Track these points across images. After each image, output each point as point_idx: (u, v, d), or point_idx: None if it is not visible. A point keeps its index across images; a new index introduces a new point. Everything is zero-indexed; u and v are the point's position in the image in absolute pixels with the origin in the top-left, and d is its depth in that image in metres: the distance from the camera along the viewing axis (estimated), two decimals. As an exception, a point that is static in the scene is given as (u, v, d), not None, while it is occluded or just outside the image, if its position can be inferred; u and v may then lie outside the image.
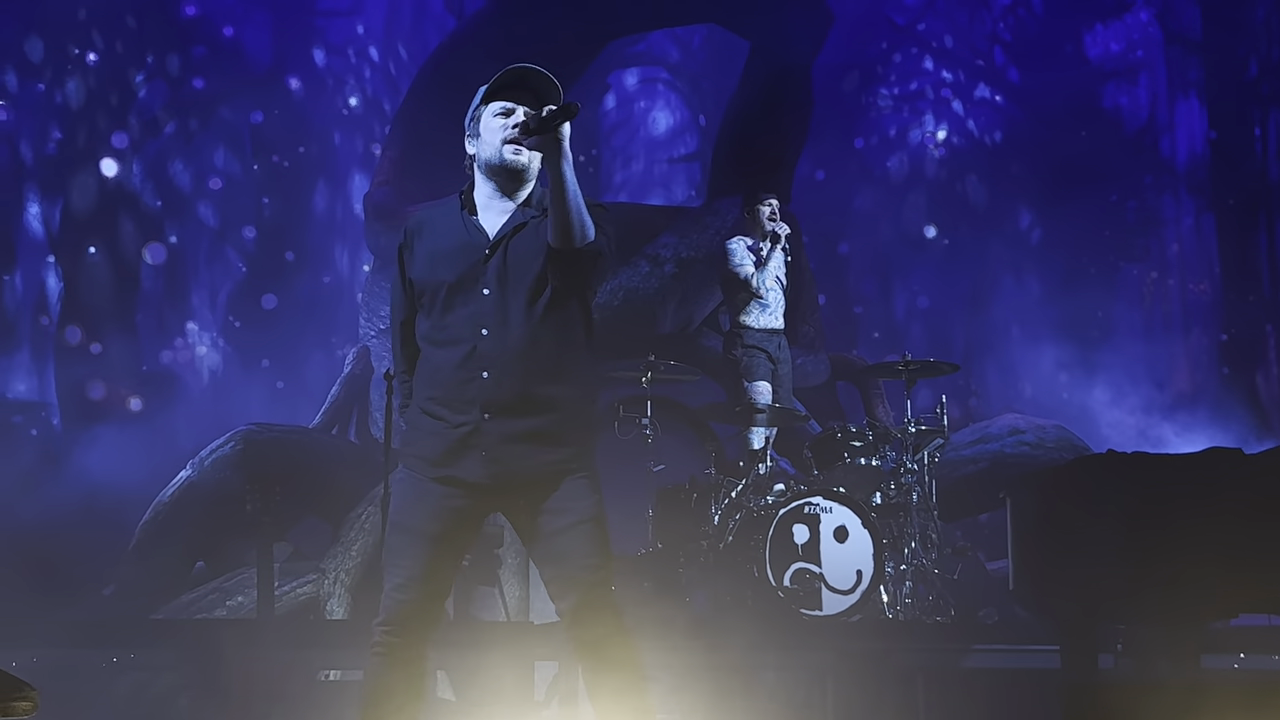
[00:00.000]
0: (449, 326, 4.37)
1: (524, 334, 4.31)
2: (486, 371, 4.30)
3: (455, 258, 4.38)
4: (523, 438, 4.31)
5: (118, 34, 13.11)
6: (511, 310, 4.32)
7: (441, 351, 4.38)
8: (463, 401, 4.32)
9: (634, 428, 9.18)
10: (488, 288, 4.33)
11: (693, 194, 14.41)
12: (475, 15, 13.33)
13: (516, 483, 4.34)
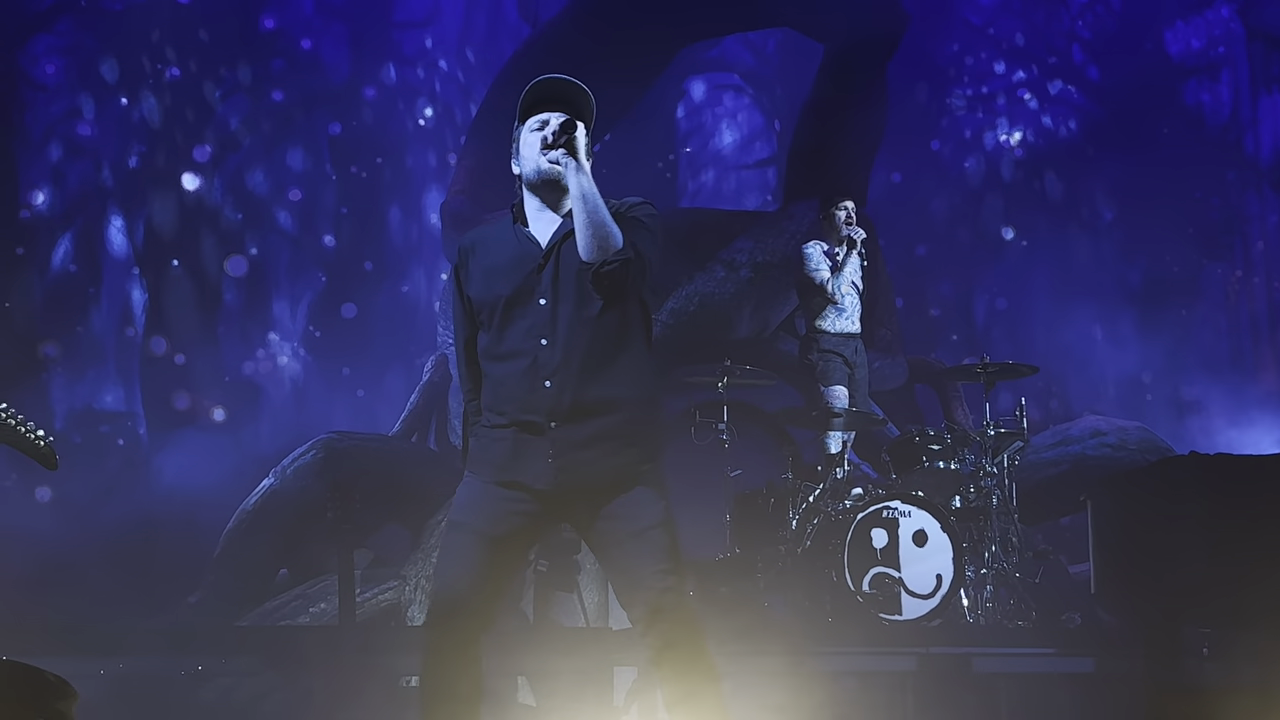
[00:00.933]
0: (508, 339, 4.38)
1: (583, 340, 4.31)
2: (549, 381, 4.30)
3: (511, 271, 4.39)
4: (589, 443, 4.30)
5: (196, 50, 13.30)
6: (568, 318, 4.32)
7: (503, 365, 4.40)
8: (528, 412, 4.32)
9: (710, 433, 9.16)
10: (544, 297, 4.34)
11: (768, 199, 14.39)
12: (549, 23, 13.38)
13: (583, 489, 4.33)
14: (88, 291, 13.02)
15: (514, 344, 4.36)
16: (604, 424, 4.31)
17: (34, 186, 12.89)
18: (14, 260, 12.52)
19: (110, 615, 9.43)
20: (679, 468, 10.55)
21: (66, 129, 13.10)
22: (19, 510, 11.36)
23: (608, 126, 13.60)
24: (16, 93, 12.86)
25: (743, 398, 9.74)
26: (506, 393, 4.38)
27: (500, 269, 4.42)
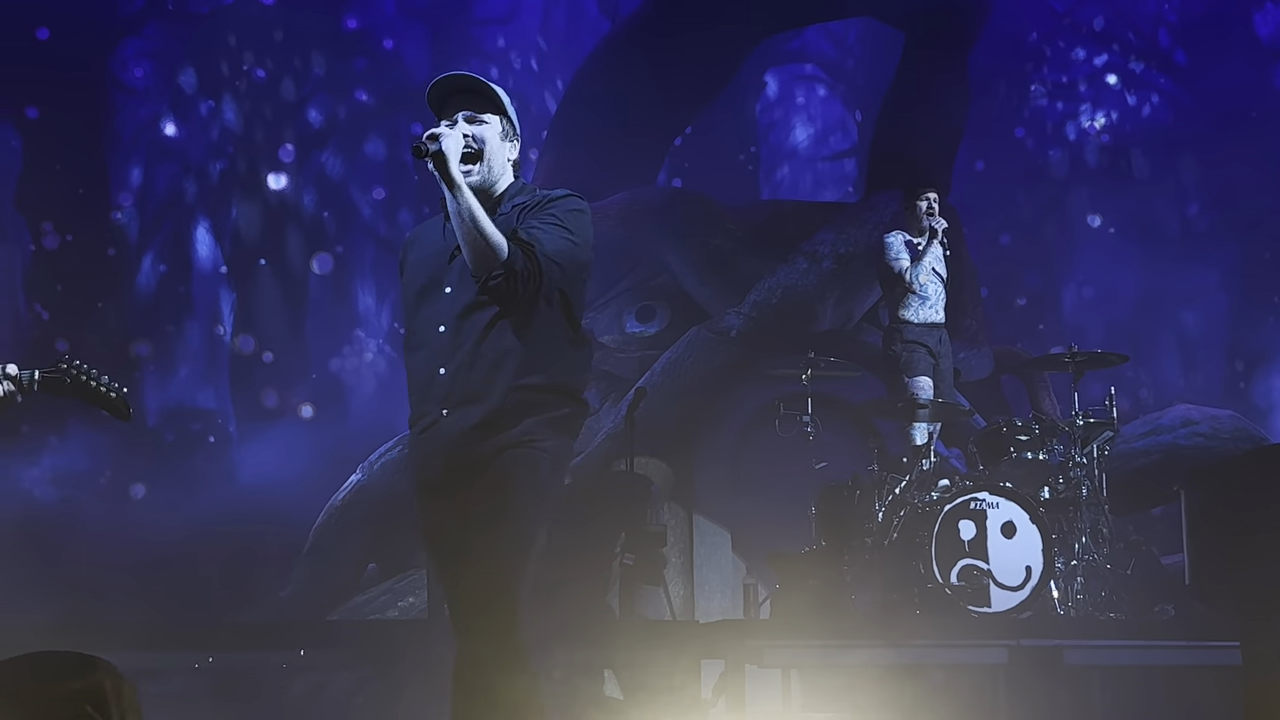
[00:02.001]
0: (417, 330, 4.33)
1: (479, 327, 4.19)
2: (444, 368, 4.21)
3: (429, 263, 4.36)
4: (470, 432, 4.15)
5: (281, 51, 13.46)
6: (467, 305, 4.21)
7: (412, 357, 4.34)
8: (428, 403, 4.24)
9: (795, 425, 9.14)
10: (450, 286, 4.26)
11: (849, 190, 14.31)
12: (630, 18, 13.38)
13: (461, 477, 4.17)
14: (177, 291, 13.21)
15: (420, 334, 4.31)
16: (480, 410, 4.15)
17: (124, 188, 13.10)
18: (106, 261, 12.74)
19: (204, 610, 9.57)
20: (764, 460, 10.61)
21: (155, 131, 13.30)
22: (114, 507, 11.57)
23: (688, 120, 13.60)
24: (107, 96, 13.08)
25: (827, 390, 9.69)
26: (413, 383, 4.32)
27: (421, 262, 4.40)
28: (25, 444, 11.61)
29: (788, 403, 9.34)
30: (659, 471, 10.83)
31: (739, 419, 11.24)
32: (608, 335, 12.21)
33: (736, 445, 11.20)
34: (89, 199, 12.80)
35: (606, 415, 11.59)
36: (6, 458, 11.39)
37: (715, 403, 11.27)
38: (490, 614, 4.13)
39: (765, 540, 9.68)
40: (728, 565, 10.91)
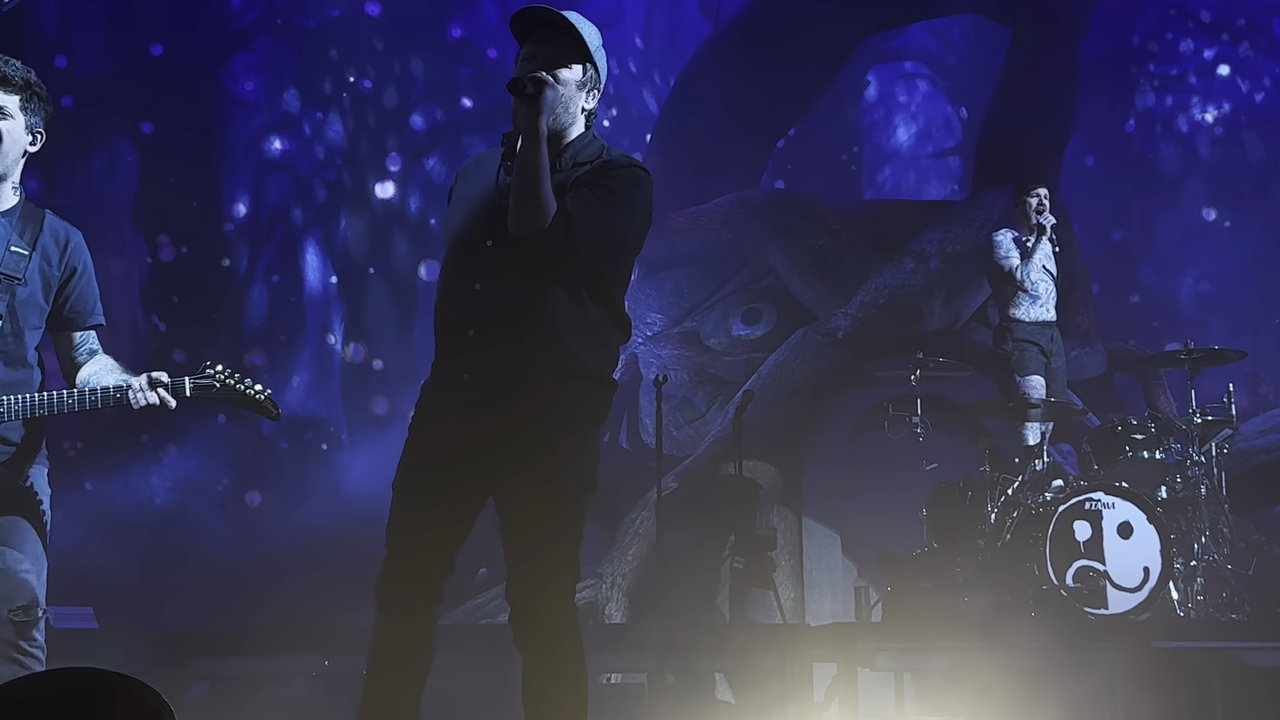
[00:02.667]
0: (451, 280, 4.07)
1: (516, 293, 3.94)
2: (473, 329, 3.97)
3: (474, 205, 4.09)
4: (494, 408, 3.92)
5: (387, 61, 13.62)
6: (509, 265, 3.94)
7: (441, 308, 4.10)
8: (451, 361, 4.02)
9: (904, 426, 9.09)
10: (491, 239, 3.99)
11: (955, 188, 14.18)
12: (732, 19, 13.38)
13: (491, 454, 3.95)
14: (289, 301, 13.41)
15: (452, 284, 4.07)
16: (521, 390, 3.92)
17: (236, 200, 13.34)
18: (220, 272, 12.98)
19: (319, 614, 9.71)
20: (873, 462, 10.54)
21: (265, 143, 13.52)
22: (231, 514, 11.79)
23: (791, 122, 13.57)
24: (218, 110, 13.33)
25: (936, 390, 9.62)
26: (438, 333, 4.11)
27: (466, 201, 4.13)
28: (146, 453, 11.87)
29: (897, 404, 9.28)
30: (767, 474, 10.82)
31: (847, 421, 11.19)
32: (714, 338, 12.22)
33: (845, 447, 11.15)
34: (203, 211, 13.05)
35: (714, 418, 11.59)
36: (129, 466, 11.65)
37: (823, 404, 11.23)
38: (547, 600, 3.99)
39: (876, 542, 9.63)
40: (838, 568, 10.86)
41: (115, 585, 9.04)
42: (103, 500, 11.23)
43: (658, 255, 12.61)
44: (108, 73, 12.86)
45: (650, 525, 10.46)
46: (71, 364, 4.62)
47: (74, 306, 4.60)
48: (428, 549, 4.05)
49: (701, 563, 10.39)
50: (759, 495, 10.37)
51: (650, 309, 12.62)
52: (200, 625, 7.77)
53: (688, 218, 12.49)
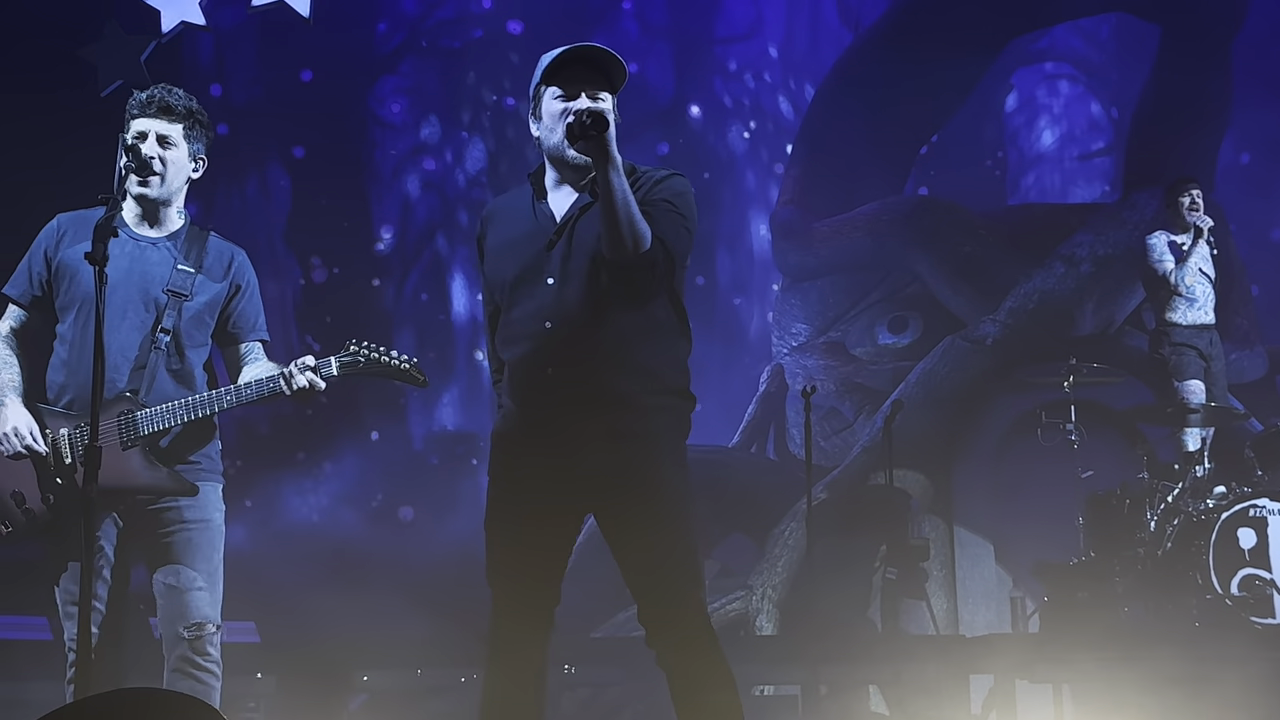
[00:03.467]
0: (515, 322, 4.07)
1: (591, 325, 3.97)
2: (551, 367, 3.98)
3: (521, 247, 4.10)
4: (594, 435, 3.96)
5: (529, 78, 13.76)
6: (575, 299, 3.98)
7: (511, 350, 4.10)
8: (530, 401, 4.03)
9: (1058, 434, 8.95)
10: (552, 277, 4.01)
11: (1106, 189, 13.90)
12: (872, 27, 13.30)
13: (590, 481, 4.00)
14: (438, 319, 13.60)
15: (520, 327, 4.06)
16: (611, 418, 3.96)
17: (386, 221, 13.57)
18: (370, 292, 13.22)
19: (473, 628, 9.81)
20: (1025, 470, 10.39)
21: (413, 164, 13.74)
22: (386, 529, 11.99)
23: (935, 127, 13.43)
24: (367, 133, 13.58)
25: (1091, 396, 9.45)
26: (513, 379, 4.10)
27: (511, 245, 4.13)
28: (302, 470, 12.13)
29: (1050, 410, 9.15)
30: (918, 484, 10.73)
31: (998, 428, 11.06)
32: (859, 348, 12.15)
33: (996, 455, 11.02)
34: (353, 232, 13.30)
35: (861, 428, 11.53)
36: (286, 484, 11.92)
37: (973, 412, 11.11)
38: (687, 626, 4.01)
39: (1030, 552, 9.48)
40: (991, 578, 10.72)
41: (276, 600, 9.23)
42: (262, 517, 11.51)
43: (802, 265, 12.58)
44: (260, 100, 13.18)
45: (799, 536, 10.43)
46: (238, 374, 4.77)
47: (238, 322, 4.74)
48: (532, 585, 4.11)
49: (852, 574, 10.33)
50: (910, 505, 10.28)
51: (795, 319, 12.59)
52: (359, 638, 7.90)
53: (831, 227, 12.43)
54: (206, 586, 4.54)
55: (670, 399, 4.10)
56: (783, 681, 8.13)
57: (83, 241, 4.46)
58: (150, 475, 4.48)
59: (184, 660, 4.48)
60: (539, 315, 4.02)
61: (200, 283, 4.64)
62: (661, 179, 4.14)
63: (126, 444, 4.44)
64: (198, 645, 4.49)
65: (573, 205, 4.11)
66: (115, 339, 4.47)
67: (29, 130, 8.12)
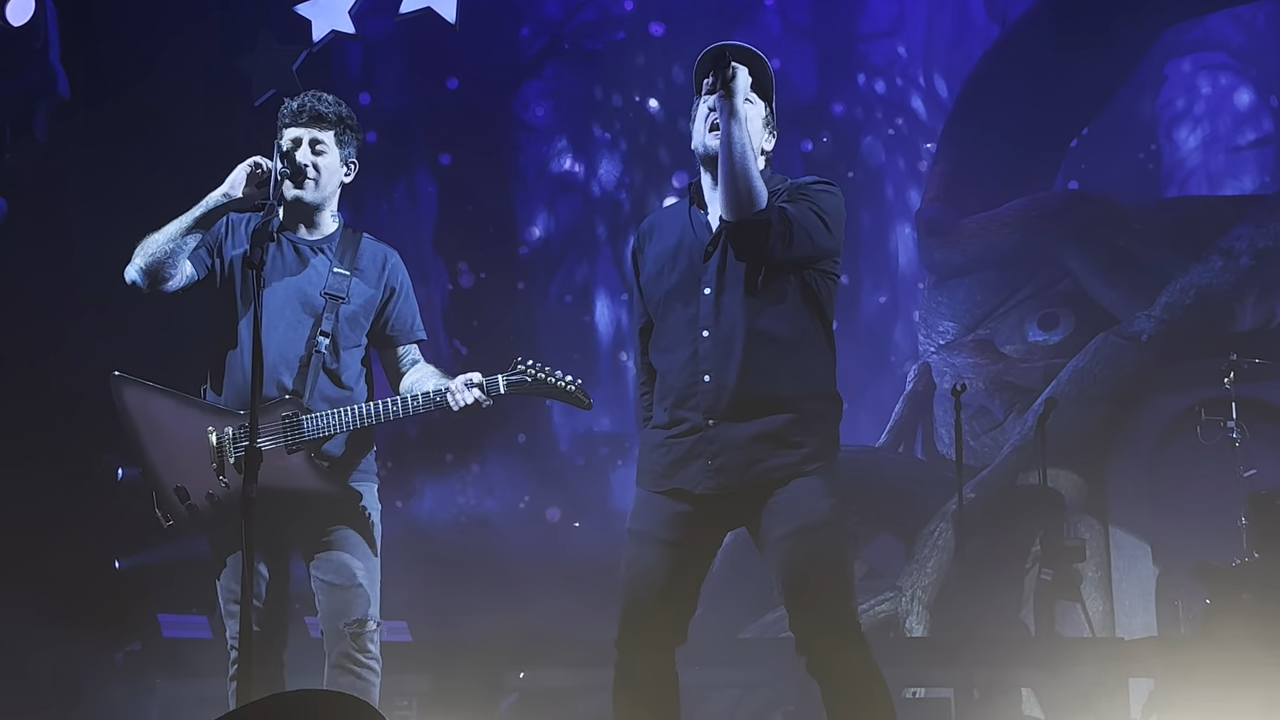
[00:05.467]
0: (670, 330, 4.13)
1: (746, 333, 4.01)
2: (709, 375, 4.01)
3: (678, 257, 4.15)
4: (749, 443, 3.99)
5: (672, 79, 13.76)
6: (732, 308, 4.03)
7: (666, 358, 4.14)
8: (686, 409, 4.06)
9: (1219, 431, 8.74)
10: (709, 286, 4.06)
11: (1266, 180, 13.53)
12: (1020, 20, 13.08)
13: (744, 491, 4.01)
14: (583, 320, 13.68)
15: (676, 335, 4.11)
16: (767, 424, 3.99)
17: (530, 224, 13.69)
18: (516, 295, 13.34)
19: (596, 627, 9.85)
20: (1183, 469, 10.15)
21: (557, 167, 13.84)
22: (534, 530, 12.09)
23: (1085, 120, 13.19)
24: (511, 137, 13.70)
25: (1253, 393, 9.21)
26: (667, 387, 4.13)
27: (668, 255, 4.18)
28: (450, 471, 12.29)
29: (1209, 408, 8.95)
30: (1071, 483, 10.54)
31: (1154, 426, 10.83)
32: (1009, 345, 11.98)
33: (1153, 454, 10.79)
34: (499, 237, 13.44)
35: (1011, 427, 11.37)
36: (436, 485, 12.08)
37: (1128, 410, 10.89)
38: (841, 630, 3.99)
39: (1189, 553, 9.25)
40: (1148, 579, 10.50)
41: (427, 599, 9.36)
42: (413, 517, 11.68)
43: (949, 262, 12.43)
44: (408, 107, 13.38)
45: (949, 536, 10.31)
46: (396, 376, 4.84)
47: (394, 324, 4.81)
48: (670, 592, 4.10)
49: (1003, 574, 10.19)
50: (1064, 505, 10.11)
51: (943, 317, 12.44)
52: (509, 638, 7.97)
53: (979, 223, 12.27)
54: (366, 584, 4.61)
55: (823, 405, 4.13)
56: (934, 684, 8.05)
57: (242, 245, 4.56)
58: (313, 478, 4.55)
59: (345, 656, 4.55)
60: (695, 323, 4.06)
61: (356, 285, 4.71)
62: (806, 183, 4.19)
63: (291, 447, 4.52)
64: (359, 641, 4.56)
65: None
66: (274, 341, 4.56)
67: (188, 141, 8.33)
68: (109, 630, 7.67)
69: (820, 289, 4.15)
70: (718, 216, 4.12)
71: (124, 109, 8.77)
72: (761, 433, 4.00)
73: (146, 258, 4.51)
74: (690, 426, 4.06)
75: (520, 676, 7.42)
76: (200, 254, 4.62)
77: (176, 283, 4.58)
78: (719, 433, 4.01)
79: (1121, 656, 7.50)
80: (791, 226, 4.00)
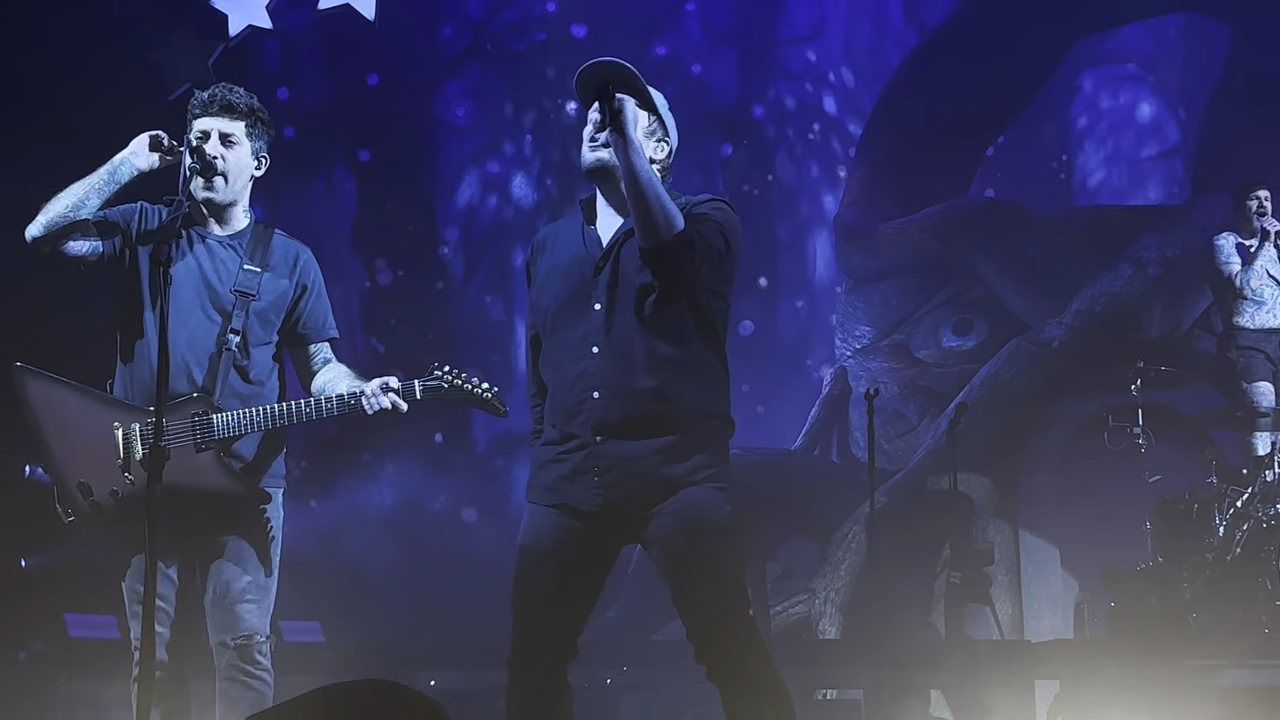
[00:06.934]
0: (559, 346, 4.10)
1: (637, 349, 3.99)
2: (597, 392, 3.99)
3: (569, 272, 4.12)
4: (637, 460, 3.98)
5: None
6: (623, 324, 4.01)
7: (555, 374, 4.12)
8: (575, 425, 4.03)
9: (1125, 437, 8.87)
10: (599, 302, 4.04)
11: (1174, 191, 13.76)
12: (938, 28, 13.23)
13: (633, 506, 4.01)
14: (501, 321, 13.64)
15: (565, 351, 4.08)
16: (655, 442, 3.98)
17: (450, 223, 13.64)
18: (435, 294, 13.28)
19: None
20: (1091, 474, 10.29)
21: (477, 167, 13.80)
22: (449, 531, 12.05)
23: (1001, 129, 13.35)
24: (431, 135, 13.65)
25: (1159, 399, 9.38)
26: (556, 402, 4.10)
27: (559, 270, 4.15)
28: (367, 471, 12.20)
29: (1117, 414, 9.07)
30: (982, 487, 10.66)
31: (1064, 432, 10.98)
32: (924, 350, 12.10)
33: (1062, 459, 10.94)
34: (418, 235, 13.37)
35: (925, 431, 11.48)
36: (351, 485, 11.99)
37: (1038, 416, 11.04)
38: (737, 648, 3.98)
39: (1096, 557, 9.40)
40: (1057, 583, 10.65)
41: (340, 599, 9.30)
42: (327, 516, 11.58)
43: (866, 267, 12.53)
44: (327, 103, 13.28)
45: (862, 540, 10.39)
46: (308, 374, 4.80)
47: (306, 322, 4.77)
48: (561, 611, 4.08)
49: (915, 578, 10.29)
50: (974, 509, 10.22)
51: (859, 322, 12.54)
52: (422, 639, 7.94)
53: (895, 229, 12.38)
54: (256, 598, 4.56)
55: (712, 423, 4.11)
56: (845, 685, 8.11)
57: (152, 238, 4.50)
58: (222, 478, 4.50)
59: (234, 668, 4.51)
60: (585, 340, 4.04)
61: (267, 282, 4.67)
62: (701, 201, 4.15)
63: (201, 445, 4.47)
64: (246, 654, 4.52)
65: (619, 229, 4.13)
66: (183, 337, 4.50)
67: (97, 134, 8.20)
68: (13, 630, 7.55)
69: (712, 309, 4.12)
70: (611, 231, 4.12)
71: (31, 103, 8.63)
72: (650, 450, 3.99)
73: (48, 214, 4.46)
74: (579, 442, 4.03)
75: (431, 684, 7.38)
76: (111, 233, 4.55)
77: (77, 248, 4.51)
78: (607, 449, 4.00)
79: (1028, 659, 7.60)
80: (709, 248, 3.99)
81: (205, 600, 4.57)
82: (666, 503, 3.99)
